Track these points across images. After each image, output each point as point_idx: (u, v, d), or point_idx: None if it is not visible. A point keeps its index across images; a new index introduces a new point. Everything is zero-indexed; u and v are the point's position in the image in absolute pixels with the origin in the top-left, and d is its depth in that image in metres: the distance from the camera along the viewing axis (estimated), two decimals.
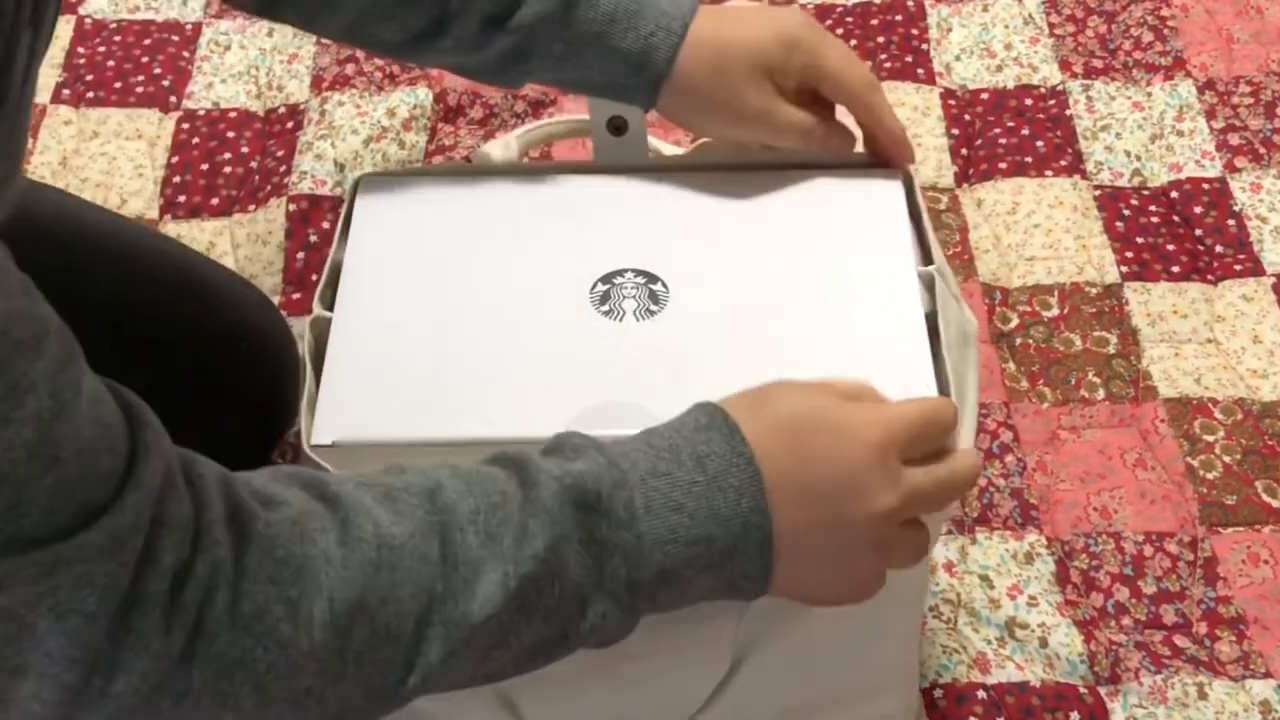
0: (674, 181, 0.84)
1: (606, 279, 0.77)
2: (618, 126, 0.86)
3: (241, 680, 0.53)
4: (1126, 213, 1.29)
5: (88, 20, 1.48)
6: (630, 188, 0.84)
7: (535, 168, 0.86)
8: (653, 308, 0.76)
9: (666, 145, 0.93)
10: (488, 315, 0.76)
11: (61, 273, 0.92)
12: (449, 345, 0.74)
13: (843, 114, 0.85)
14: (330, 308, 0.77)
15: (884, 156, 0.84)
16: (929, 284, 0.77)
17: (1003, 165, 1.32)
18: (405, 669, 0.57)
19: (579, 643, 0.61)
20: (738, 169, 0.84)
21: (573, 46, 0.79)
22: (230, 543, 0.54)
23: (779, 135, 0.82)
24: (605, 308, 0.76)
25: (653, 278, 0.77)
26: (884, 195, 0.83)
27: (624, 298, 0.76)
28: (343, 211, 0.82)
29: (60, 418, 0.48)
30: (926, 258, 0.80)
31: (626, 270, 0.78)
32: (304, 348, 0.75)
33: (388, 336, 0.75)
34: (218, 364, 0.96)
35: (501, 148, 0.91)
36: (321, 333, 0.76)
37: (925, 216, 0.81)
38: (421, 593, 0.56)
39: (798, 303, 0.77)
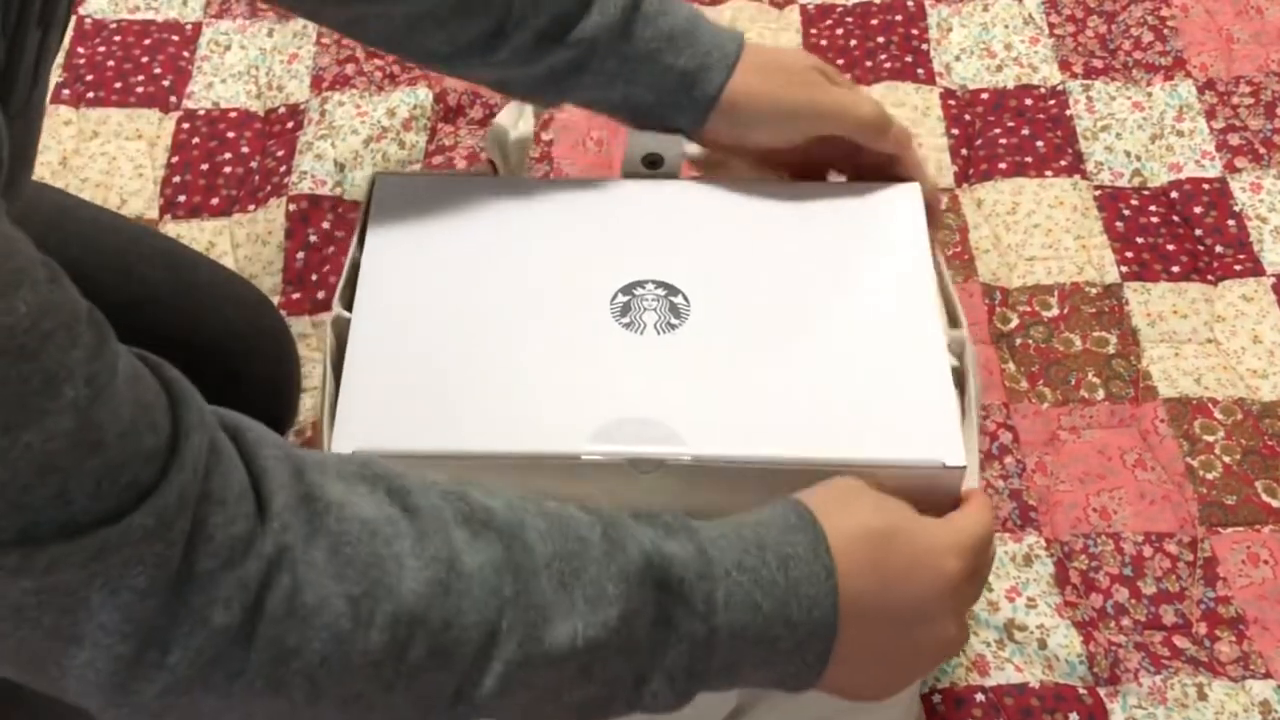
0: (693, 191, 0.84)
1: (627, 290, 0.76)
2: (653, 162, 0.85)
3: (296, 669, 0.53)
4: (1126, 213, 1.29)
5: (88, 20, 1.48)
6: (649, 196, 0.83)
7: (551, 181, 0.85)
8: (673, 321, 0.75)
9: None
10: (508, 323, 0.75)
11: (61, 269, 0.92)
12: (469, 353, 0.73)
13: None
14: (349, 307, 0.76)
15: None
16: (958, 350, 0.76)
17: (1003, 165, 1.32)
18: (455, 697, 0.57)
19: (623, 711, 0.61)
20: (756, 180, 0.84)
21: (628, 63, 0.79)
22: (299, 529, 0.54)
23: (841, 120, 0.81)
24: (626, 320, 0.75)
25: (673, 290, 0.76)
26: (902, 206, 0.82)
27: (645, 310, 0.75)
28: (360, 210, 0.81)
29: (98, 402, 0.48)
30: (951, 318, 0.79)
31: (647, 281, 0.77)
32: (324, 347, 0.75)
33: (407, 341, 0.74)
34: (216, 364, 0.96)
35: (516, 112, 0.89)
36: (342, 332, 0.75)
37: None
38: (486, 624, 0.56)
39: (819, 319, 0.76)
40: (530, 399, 0.71)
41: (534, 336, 0.74)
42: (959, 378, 0.75)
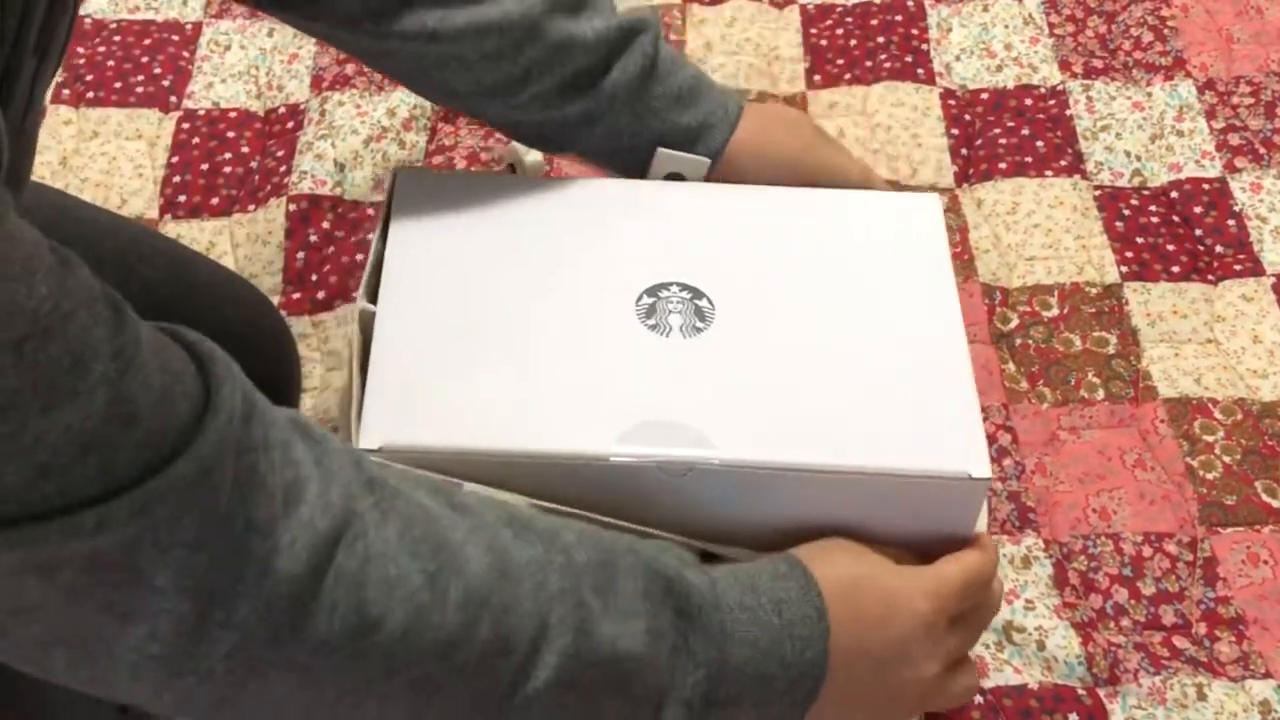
0: (716, 194, 0.84)
1: (652, 291, 0.76)
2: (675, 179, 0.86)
3: (376, 641, 0.54)
4: (1126, 213, 1.29)
5: (88, 20, 1.48)
6: (672, 197, 0.83)
7: (572, 181, 0.84)
8: (699, 324, 0.75)
9: None
10: (534, 321, 0.75)
11: None
12: (495, 351, 0.73)
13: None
14: (374, 301, 0.76)
15: None
16: None
17: (1003, 165, 1.32)
18: (511, 687, 0.57)
19: None
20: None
21: (640, 119, 0.82)
22: (370, 508, 0.55)
23: (830, 179, 0.85)
24: (651, 322, 0.75)
25: (698, 293, 0.76)
26: (923, 215, 0.83)
27: (670, 312, 0.75)
28: (383, 205, 0.81)
29: (128, 375, 0.48)
30: None
31: (671, 284, 0.77)
32: (350, 344, 0.74)
33: (433, 338, 0.73)
34: None
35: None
36: (367, 325, 0.74)
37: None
38: (539, 615, 0.57)
39: (843, 324, 0.76)
40: (557, 399, 0.71)
41: (560, 336, 0.74)
42: None
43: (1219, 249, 1.26)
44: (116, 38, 1.46)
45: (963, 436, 0.71)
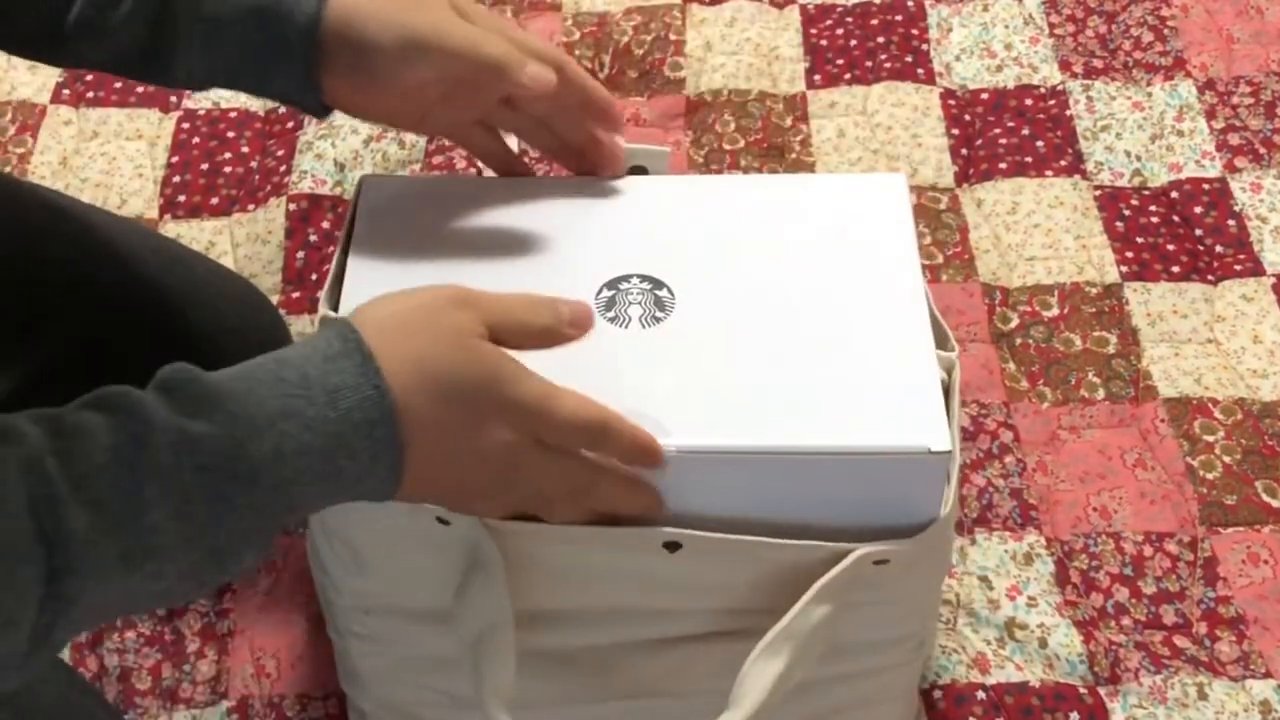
0: (678, 185, 0.84)
1: (612, 284, 0.77)
2: (639, 172, 0.86)
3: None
4: (1126, 213, 1.29)
5: None
6: (633, 192, 0.83)
7: (537, 180, 0.85)
8: (658, 314, 0.76)
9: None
10: None
11: (58, 269, 0.92)
12: None
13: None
14: (336, 308, 0.77)
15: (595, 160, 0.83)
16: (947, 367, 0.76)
17: (1003, 165, 1.32)
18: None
19: (214, 584, 0.61)
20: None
21: (204, 20, 0.73)
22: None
23: (465, 57, 0.73)
24: (611, 314, 0.75)
25: (658, 284, 0.77)
26: (886, 198, 0.82)
27: (630, 304, 0.76)
28: (347, 213, 0.82)
29: None
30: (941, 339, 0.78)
31: (632, 276, 0.77)
32: None
33: None
34: (213, 362, 0.96)
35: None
36: None
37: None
38: (38, 575, 0.54)
39: (804, 309, 0.77)
40: None
41: None
42: (946, 395, 0.74)
43: (1219, 249, 1.26)
44: None
45: (922, 411, 0.71)
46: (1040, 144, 1.34)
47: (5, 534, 0.54)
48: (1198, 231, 1.27)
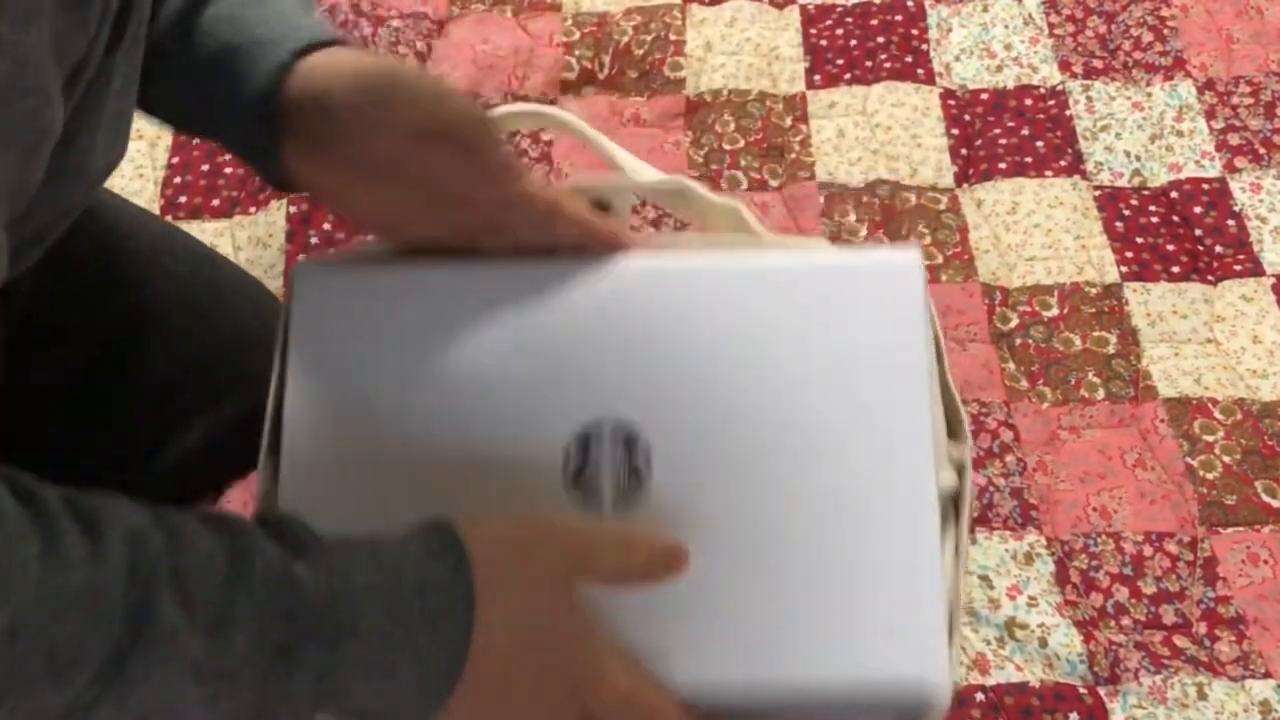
0: (659, 274, 0.70)
1: (581, 442, 0.67)
2: (602, 208, 0.74)
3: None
4: (1126, 213, 1.29)
5: None
6: (608, 281, 0.70)
7: (493, 262, 0.70)
8: (633, 488, 0.66)
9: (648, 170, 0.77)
10: (450, 491, 0.66)
11: (88, 268, 0.92)
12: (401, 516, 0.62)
13: None
14: (276, 450, 0.68)
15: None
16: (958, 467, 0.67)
17: (1003, 165, 1.33)
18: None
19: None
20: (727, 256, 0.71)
21: (182, 54, 0.67)
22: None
23: (427, 112, 0.64)
24: (579, 490, 0.66)
25: (633, 438, 0.67)
26: (898, 292, 0.68)
27: (601, 470, 0.66)
28: (282, 315, 0.71)
29: None
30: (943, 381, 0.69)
31: (604, 424, 0.67)
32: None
33: (338, 510, 0.63)
34: (232, 363, 0.96)
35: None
36: (269, 490, 0.68)
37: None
38: (108, 642, 0.51)
39: (797, 489, 0.66)
40: None
41: (482, 499, 0.66)
42: (955, 500, 0.66)
43: (1219, 249, 1.26)
44: None
45: (922, 640, 0.63)
46: (1040, 144, 1.34)
47: (98, 585, 0.51)
48: (1197, 231, 1.28)
